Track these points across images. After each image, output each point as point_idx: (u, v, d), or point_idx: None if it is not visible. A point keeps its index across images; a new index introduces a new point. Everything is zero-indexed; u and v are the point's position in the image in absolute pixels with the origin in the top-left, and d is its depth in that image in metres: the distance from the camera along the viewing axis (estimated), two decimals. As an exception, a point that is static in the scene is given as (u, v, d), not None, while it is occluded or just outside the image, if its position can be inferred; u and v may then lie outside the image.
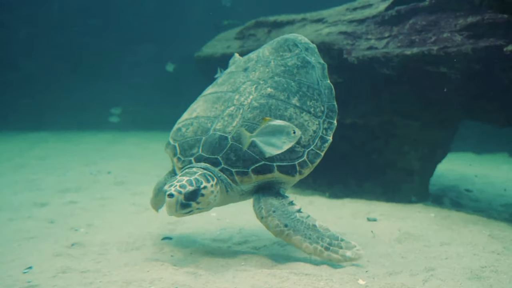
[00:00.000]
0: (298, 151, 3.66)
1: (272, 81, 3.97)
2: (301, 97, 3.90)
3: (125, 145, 12.38)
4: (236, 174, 3.57)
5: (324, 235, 3.54)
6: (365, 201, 6.21)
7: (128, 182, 7.46)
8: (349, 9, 6.79)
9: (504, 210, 6.04)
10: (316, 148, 3.74)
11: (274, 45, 4.30)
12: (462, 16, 5.17)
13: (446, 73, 5.28)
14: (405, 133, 6.24)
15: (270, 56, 4.21)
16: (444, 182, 7.84)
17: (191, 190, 3.33)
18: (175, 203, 3.29)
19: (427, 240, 4.36)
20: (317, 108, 3.91)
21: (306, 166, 3.66)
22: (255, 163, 3.56)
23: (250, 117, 3.72)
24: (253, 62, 4.22)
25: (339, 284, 3.21)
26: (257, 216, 3.64)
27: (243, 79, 4.07)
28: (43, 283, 3.18)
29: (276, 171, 3.57)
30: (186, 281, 3.16)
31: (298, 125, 3.71)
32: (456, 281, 3.30)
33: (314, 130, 3.80)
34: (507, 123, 5.50)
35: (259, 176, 3.58)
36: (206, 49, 9.53)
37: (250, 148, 3.55)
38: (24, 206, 5.65)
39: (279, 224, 3.52)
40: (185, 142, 3.83)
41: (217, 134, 3.70)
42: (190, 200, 3.35)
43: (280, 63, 4.13)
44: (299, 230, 3.51)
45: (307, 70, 4.11)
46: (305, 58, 4.19)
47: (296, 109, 3.81)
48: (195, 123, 3.89)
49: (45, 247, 4.04)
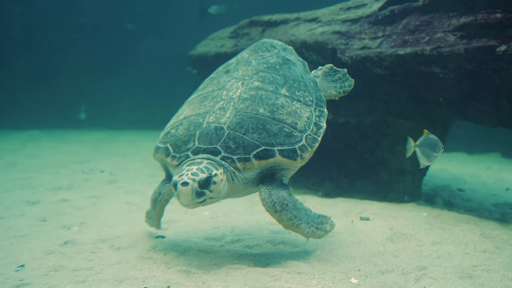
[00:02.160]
0: (296, 136, 3.62)
1: (257, 76, 3.96)
2: (289, 88, 3.90)
3: (118, 143, 12.34)
4: (238, 161, 3.46)
5: (314, 216, 3.75)
6: (357, 200, 6.22)
7: (121, 180, 7.44)
8: (343, 9, 6.80)
9: (495, 209, 6.08)
10: (313, 133, 3.72)
11: (252, 48, 4.34)
12: (455, 16, 5.20)
13: (438, 73, 5.30)
14: (397, 132, 6.26)
15: (250, 57, 4.22)
16: (436, 181, 7.88)
17: (204, 177, 3.21)
18: (190, 191, 3.16)
19: (419, 239, 4.38)
20: (306, 97, 3.91)
21: (306, 150, 3.61)
22: (256, 148, 3.48)
23: (242, 107, 3.67)
24: (233, 65, 4.21)
25: (332, 282, 3.23)
26: (270, 210, 3.54)
27: (227, 78, 4.04)
28: (35, 281, 3.17)
29: (278, 155, 3.49)
30: (178, 279, 3.16)
31: (291, 112, 3.71)
32: (448, 280, 3.32)
33: (308, 116, 3.78)
34: (499, 123, 5.53)
35: (261, 161, 3.48)
36: (200, 48, 9.52)
37: (248, 135, 3.51)
38: (16, 204, 5.62)
39: (292, 217, 3.53)
40: (178, 140, 3.68)
41: (212, 125, 3.60)
42: (204, 188, 3.22)
43: (261, 61, 4.14)
44: (302, 218, 3.60)
45: (289, 66, 4.13)
46: (284, 56, 4.22)
47: (286, 98, 3.80)
48: (185, 122, 3.78)
49: (37, 245, 4.02)
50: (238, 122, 3.57)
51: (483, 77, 5.04)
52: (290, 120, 3.66)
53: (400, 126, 6.25)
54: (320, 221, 3.78)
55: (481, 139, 12.36)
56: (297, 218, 3.56)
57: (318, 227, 3.71)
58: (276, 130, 3.57)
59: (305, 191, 6.69)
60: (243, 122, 3.57)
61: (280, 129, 3.58)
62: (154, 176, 7.78)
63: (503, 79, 4.91)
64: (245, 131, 3.53)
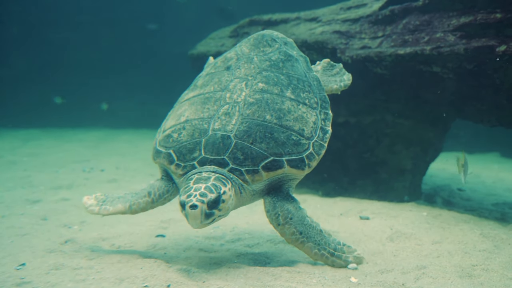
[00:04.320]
0: (304, 144, 3.52)
1: (261, 76, 3.79)
2: (294, 90, 3.77)
3: (118, 142, 12.35)
4: (246, 173, 3.34)
5: (329, 240, 3.54)
6: (357, 200, 6.24)
7: (121, 179, 7.45)
8: (343, 8, 6.80)
9: (495, 209, 6.09)
10: (320, 140, 3.63)
11: (251, 42, 4.13)
12: (455, 16, 5.21)
13: (438, 73, 5.31)
14: (397, 132, 6.27)
15: (251, 53, 4.03)
16: (436, 181, 7.89)
17: (213, 198, 3.06)
18: (199, 214, 3.02)
19: (419, 239, 4.39)
20: (311, 99, 3.80)
21: (313, 158, 3.53)
22: (265, 159, 3.37)
23: (248, 113, 3.53)
24: (234, 60, 4.00)
25: (332, 281, 3.23)
26: (273, 223, 3.45)
27: (229, 77, 3.84)
28: (36, 279, 3.17)
29: (287, 165, 3.40)
30: (179, 278, 3.17)
31: (298, 117, 3.60)
32: (447, 279, 3.33)
33: (314, 121, 3.67)
34: (498, 123, 5.54)
35: (269, 173, 3.37)
36: (200, 47, 9.51)
37: (256, 144, 3.39)
38: (16, 203, 5.63)
39: (295, 232, 3.42)
40: (181, 146, 3.50)
41: (218, 133, 3.43)
42: (213, 208, 3.09)
43: (263, 58, 3.96)
44: (310, 237, 3.45)
45: (292, 63, 3.98)
46: (286, 51, 4.06)
47: (292, 102, 3.67)
48: (188, 126, 3.58)
49: (38, 244, 4.03)
50: (246, 131, 3.43)
51: (482, 76, 5.05)
52: (297, 127, 3.55)
53: (400, 126, 6.26)
54: (340, 249, 3.56)
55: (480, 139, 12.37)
56: (303, 234, 3.43)
57: (334, 253, 3.52)
58: (284, 138, 3.46)
59: (305, 190, 6.70)
60: (250, 130, 3.44)
61: (288, 137, 3.47)
62: (154, 176, 7.78)
63: (502, 79, 4.92)
64: (253, 141, 3.40)
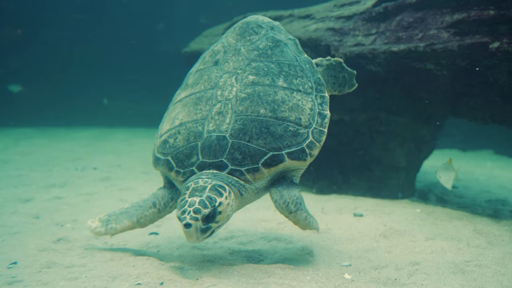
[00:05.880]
0: (303, 133, 3.43)
1: (250, 68, 3.65)
2: (286, 77, 3.65)
3: (112, 141, 12.30)
4: (247, 173, 3.26)
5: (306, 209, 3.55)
6: (351, 197, 6.24)
7: (114, 177, 7.41)
8: (336, 6, 6.80)
9: (488, 206, 6.11)
10: (318, 126, 3.53)
11: (237, 31, 3.97)
12: (448, 13, 5.21)
13: (432, 70, 5.32)
14: (391, 129, 6.28)
15: (238, 43, 3.87)
16: (430, 178, 7.90)
17: (207, 213, 2.99)
18: (195, 232, 2.98)
19: (413, 235, 4.40)
20: (305, 85, 3.68)
21: (314, 146, 3.44)
22: (264, 155, 3.28)
23: (241, 110, 3.43)
24: (221, 54, 3.86)
25: (325, 278, 3.23)
26: (284, 212, 3.37)
27: (218, 73, 3.71)
28: (28, 278, 3.15)
29: (287, 159, 3.30)
30: (172, 275, 3.16)
31: (293, 106, 3.49)
32: (441, 275, 3.33)
33: (310, 107, 3.57)
34: (492, 120, 5.56)
35: (271, 169, 3.29)
36: (193, 45, 9.50)
37: (253, 141, 3.30)
38: (8, 202, 5.59)
39: (307, 217, 3.40)
40: (178, 152, 3.43)
41: (213, 135, 3.34)
42: (209, 222, 3.03)
43: (251, 48, 3.81)
44: (310, 214, 3.47)
45: (281, 49, 3.82)
46: (274, 37, 3.89)
47: (285, 91, 3.56)
48: (183, 130, 3.50)
49: (30, 242, 4.00)
50: (241, 129, 3.34)
51: (476, 74, 5.06)
52: (294, 117, 3.44)
53: (394, 123, 6.26)
54: None
55: (474, 136, 12.42)
56: (310, 215, 3.44)
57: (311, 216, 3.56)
58: (281, 131, 3.36)
59: (299, 187, 6.69)
60: (245, 127, 3.34)
61: (285, 129, 3.37)
62: (148, 173, 7.76)
63: (496, 76, 4.93)
64: (250, 138, 3.30)
